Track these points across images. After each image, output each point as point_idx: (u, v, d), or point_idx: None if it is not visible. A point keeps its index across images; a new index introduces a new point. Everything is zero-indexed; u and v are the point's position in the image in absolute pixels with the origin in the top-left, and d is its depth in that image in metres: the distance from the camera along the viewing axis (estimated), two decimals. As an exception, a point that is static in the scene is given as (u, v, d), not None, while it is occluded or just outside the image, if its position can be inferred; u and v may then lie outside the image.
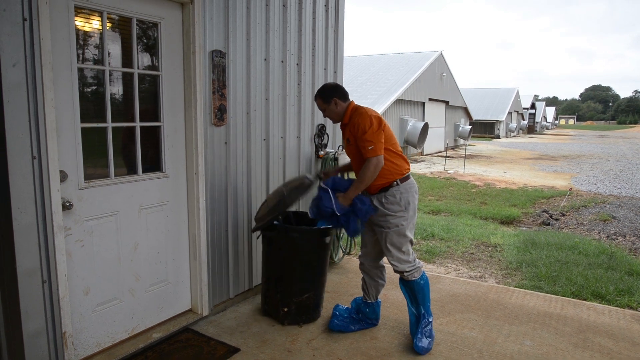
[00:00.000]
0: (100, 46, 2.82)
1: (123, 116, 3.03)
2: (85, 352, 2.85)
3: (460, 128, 28.37)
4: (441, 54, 24.61)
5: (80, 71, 2.70)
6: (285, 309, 3.46)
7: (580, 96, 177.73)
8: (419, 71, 21.66)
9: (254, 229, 3.52)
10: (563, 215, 8.88)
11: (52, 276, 2.52)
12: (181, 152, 3.35)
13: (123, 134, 3.05)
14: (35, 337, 2.47)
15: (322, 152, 4.63)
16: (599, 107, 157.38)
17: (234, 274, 3.79)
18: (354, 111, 3.22)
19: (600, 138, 43.93)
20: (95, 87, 2.88)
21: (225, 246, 3.67)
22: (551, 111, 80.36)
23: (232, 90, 3.57)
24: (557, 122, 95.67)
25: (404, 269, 3.18)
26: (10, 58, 2.24)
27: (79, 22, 2.68)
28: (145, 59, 3.14)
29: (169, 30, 3.16)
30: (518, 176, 14.80)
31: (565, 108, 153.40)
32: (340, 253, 4.93)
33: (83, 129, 2.70)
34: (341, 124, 3.37)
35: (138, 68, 3.03)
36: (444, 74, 24.95)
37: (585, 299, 4.33)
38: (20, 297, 2.38)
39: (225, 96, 3.49)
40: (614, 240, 6.96)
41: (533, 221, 8.47)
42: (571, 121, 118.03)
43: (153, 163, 3.22)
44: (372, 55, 27.85)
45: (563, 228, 7.85)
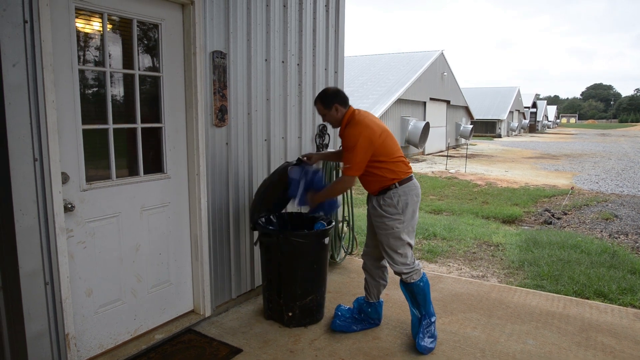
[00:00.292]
0: (101, 47, 2.83)
1: (124, 117, 3.04)
2: (88, 354, 2.85)
3: (461, 127, 28.36)
4: (442, 54, 24.60)
5: (81, 73, 2.70)
6: (289, 314, 3.45)
7: (581, 95, 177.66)
8: (420, 71, 21.65)
9: (253, 227, 3.54)
10: (565, 214, 8.87)
11: (55, 278, 2.52)
12: (182, 153, 3.35)
13: (124, 135, 3.05)
14: (38, 339, 2.48)
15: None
16: (601, 106, 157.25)
17: (236, 275, 3.79)
18: (350, 121, 3.18)
19: (601, 137, 43.88)
20: (96, 89, 2.89)
21: (227, 247, 3.67)
22: (552, 110, 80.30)
23: (233, 90, 3.57)
24: (559, 121, 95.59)
25: (401, 271, 3.18)
26: (11, 60, 2.25)
27: (80, 24, 2.68)
28: (146, 60, 3.14)
29: (170, 31, 3.17)
30: (520, 175, 14.78)
31: (566, 107, 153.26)
32: (342, 253, 4.92)
33: (84, 131, 2.71)
34: (339, 130, 3.35)
35: (139, 69, 3.03)
36: (445, 74, 24.93)
37: (587, 298, 4.32)
38: (22, 299, 2.39)
39: (226, 97, 3.49)
40: (616, 238, 6.95)
41: (535, 220, 8.46)
42: (572, 120, 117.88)
43: (154, 164, 3.22)
44: (373, 55, 27.84)
45: (565, 227, 7.83)
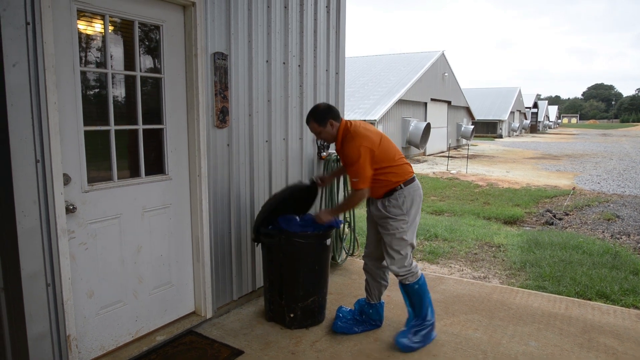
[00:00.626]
0: (102, 49, 2.83)
1: (126, 119, 3.04)
2: (89, 355, 2.85)
3: (462, 128, 28.35)
4: (443, 54, 24.59)
5: (83, 74, 2.70)
6: (291, 315, 3.45)
7: (582, 95, 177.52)
8: (421, 71, 21.65)
9: (255, 239, 3.52)
10: (566, 214, 8.86)
11: (56, 279, 2.52)
12: (184, 155, 3.35)
13: (126, 137, 3.05)
14: (39, 340, 2.48)
15: (325, 154, 4.62)
16: (602, 106, 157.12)
17: (237, 276, 3.79)
18: (345, 136, 3.16)
19: (603, 137, 43.83)
20: (97, 90, 2.89)
21: (228, 248, 3.67)
22: (553, 110, 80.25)
23: (234, 92, 3.57)
24: (560, 121, 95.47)
25: (398, 272, 3.19)
26: (13, 61, 2.25)
27: (82, 25, 2.69)
28: (147, 62, 3.14)
29: (171, 32, 3.17)
30: (521, 176, 14.77)
31: (567, 107, 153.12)
32: (343, 254, 4.92)
33: (86, 132, 2.71)
34: (335, 145, 3.31)
35: (140, 71, 3.03)
36: (446, 74, 24.92)
37: (589, 299, 4.31)
38: (24, 300, 2.39)
39: (227, 98, 3.49)
40: (618, 239, 6.93)
41: (536, 221, 8.44)
42: (574, 120, 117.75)
43: (156, 165, 3.22)
44: (374, 55, 27.87)
45: (567, 227, 7.82)
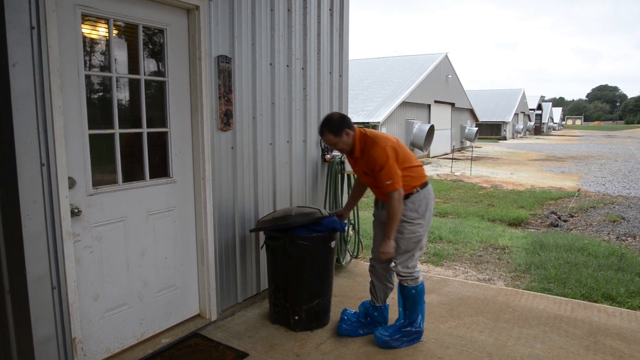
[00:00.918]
0: (107, 53, 2.85)
1: (130, 122, 3.05)
2: (94, 358, 2.85)
3: (466, 130, 28.29)
4: (446, 56, 24.58)
5: (87, 78, 2.72)
6: (296, 317, 3.45)
7: (587, 96, 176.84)
8: (425, 73, 21.63)
9: (252, 230, 3.59)
10: (571, 216, 8.82)
11: (62, 282, 2.53)
12: (188, 158, 3.36)
13: (130, 140, 3.06)
14: (45, 343, 2.49)
15: (328, 156, 4.63)
16: (607, 107, 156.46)
17: (242, 279, 3.79)
18: (365, 142, 3.10)
19: (608, 138, 43.64)
20: (102, 94, 2.90)
21: (232, 251, 3.68)
22: (558, 112, 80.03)
23: (238, 95, 3.58)
24: (564, 123, 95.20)
25: (400, 272, 3.20)
26: (18, 64, 2.26)
27: (86, 30, 2.70)
28: (151, 65, 3.16)
29: (175, 36, 3.18)
30: (525, 178, 14.72)
31: (572, 109, 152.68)
32: (347, 257, 4.91)
33: (91, 135, 2.72)
34: (350, 155, 3.25)
35: (144, 74, 3.04)
36: (450, 76, 24.89)
37: (595, 301, 4.28)
38: (30, 303, 2.39)
39: (231, 101, 3.50)
40: (624, 241, 6.90)
41: (541, 223, 8.41)
42: (578, 122, 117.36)
43: (160, 168, 3.23)
44: (377, 58, 27.87)
45: (572, 229, 7.79)
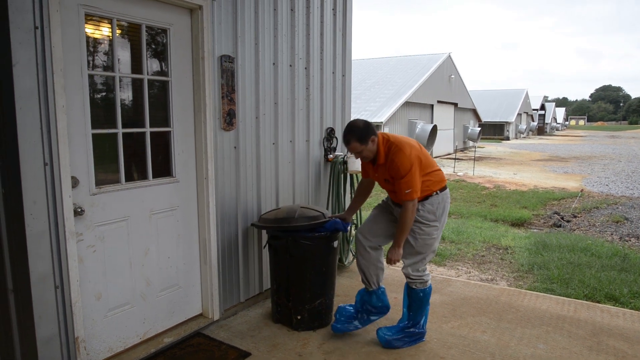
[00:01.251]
0: (110, 52, 2.85)
1: (133, 122, 3.05)
2: (97, 357, 2.86)
3: (469, 130, 28.23)
4: (449, 56, 24.55)
5: (90, 77, 2.72)
6: (298, 317, 3.45)
7: (590, 97, 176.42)
8: (427, 73, 21.61)
9: (254, 224, 3.60)
10: (574, 216, 8.80)
11: (65, 281, 2.54)
12: (191, 157, 3.36)
13: (133, 140, 3.07)
14: (48, 342, 2.49)
15: (331, 156, 4.62)
16: (610, 108, 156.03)
17: (244, 278, 3.79)
18: (389, 148, 3.05)
19: (611, 139, 43.51)
20: (105, 93, 2.91)
21: (235, 250, 3.68)
22: (561, 112, 79.85)
23: (241, 94, 3.58)
24: (567, 123, 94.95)
25: (410, 274, 3.18)
26: (22, 65, 2.27)
27: (89, 29, 2.71)
28: (154, 65, 3.16)
29: (178, 35, 3.19)
30: (528, 178, 14.69)
31: (575, 109, 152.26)
32: (350, 256, 4.91)
33: (94, 135, 2.73)
34: (371, 162, 3.19)
35: (148, 74, 3.05)
36: (453, 76, 24.87)
37: (598, 302, 4.27)
38: (33, 303, 2.40)
39: (234, 101, 3.50)
40: (627, 241, 6.88)
41: (544, 223, 8.39)
42: (581, 122, 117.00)
43: (163, 168, 3.24)
44: (380, 58, 27.86)
45: (575, 230, 7.77)
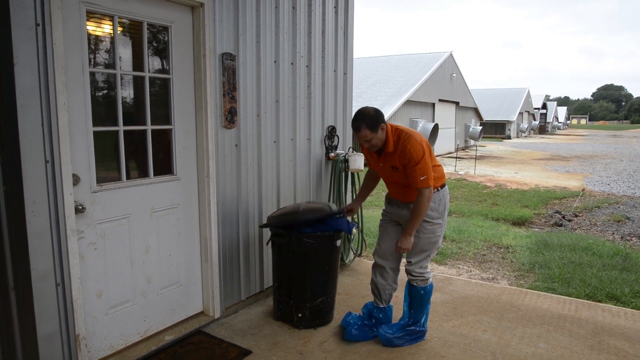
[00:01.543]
0: (111, 50, 2.85)
1: (134, 119, 3.05)
2: (98, 355, 2.86)
3: (470, 129, 28.17)
4: (451, 55, 24.50)
5: (92, 75, 2.72)
6: (299, 315, 3.45)
7: (592, 96, 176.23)
8: (429, 72, 21.57)
9: (263, 225, 3.58)
10: (576, 216, 8.78)
11: (66, 279, 2.54)
12: (192, 155, 3.36)
13: (134, 137, 3.07)
14: (49, 340, 2.49)
15: (333, 154, 4.62)
16: (612, 107, 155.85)
17: (245, 276, 3.79)
18: (399, 136, 3.02)
19: (613, 138, 43.44)
20: (106, 91, 2.90)
21: (236, 248, 3.68)
22: (563, 111, 79.72)
23: (243, 92, 3.58)
24: (569, 122, 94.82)
25: (412, 271, 3.19)
26: (23, 62, 2.27)
27: (91, 27, 2.70)
28: (155, 63, 3.16)
29: (180, 33, 3.18)
30: (530, 177, 14.66)
31: (577, 108, 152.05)
32: (351, 255, 4.91)
33: (95, 133, 2.73)
34: (378, 151, 3.14)
35: (149, 71, 3.04)
36: (454, 75, 24.82)
37: (600, 301, 4.27)
38: (34, 300, 2.40)
39: (235, 99, 3.50)
40: (629, 241, 6.87)
41: (545, 222, 8.38)
42: (583, 121, 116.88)
43: (164, 166, 3.24)
44: (382, 56, 27.81)
45: (576, 229, 7.76)
